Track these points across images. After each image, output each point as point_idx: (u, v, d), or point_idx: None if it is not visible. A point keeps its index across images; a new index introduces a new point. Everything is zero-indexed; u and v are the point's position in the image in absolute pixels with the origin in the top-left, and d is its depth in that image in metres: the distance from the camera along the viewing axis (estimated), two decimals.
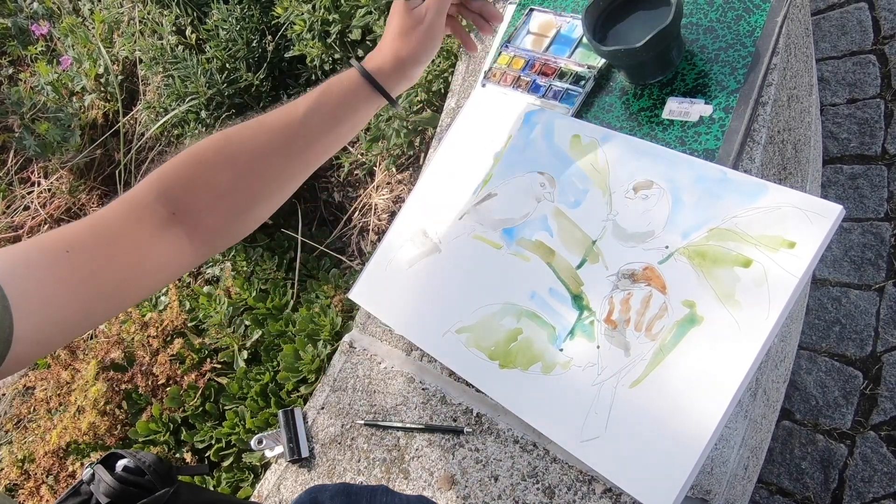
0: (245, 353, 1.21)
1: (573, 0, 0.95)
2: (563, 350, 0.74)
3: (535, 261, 0.80)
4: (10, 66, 1.96)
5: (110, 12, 1.71)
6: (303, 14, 1.28)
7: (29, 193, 1.77)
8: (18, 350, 0.47)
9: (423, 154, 1.20)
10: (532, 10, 0.97)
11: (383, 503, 0.65)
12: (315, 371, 1.08)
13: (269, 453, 0.93)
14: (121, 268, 0.56)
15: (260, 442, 0.94)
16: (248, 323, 1.25)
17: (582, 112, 0.87)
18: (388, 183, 1.25)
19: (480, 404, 0.83)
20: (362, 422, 0.89)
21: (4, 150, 1.85)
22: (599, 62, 0.87)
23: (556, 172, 0.84)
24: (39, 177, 1.79)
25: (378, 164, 1.28)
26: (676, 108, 0.81)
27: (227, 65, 1.41)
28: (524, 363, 0.76)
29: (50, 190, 1.75)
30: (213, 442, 1.14)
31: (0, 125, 1.70)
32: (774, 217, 0.66)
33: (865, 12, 1.54)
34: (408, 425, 0.85)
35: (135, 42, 1.61)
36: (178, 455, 1.17)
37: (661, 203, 0.74)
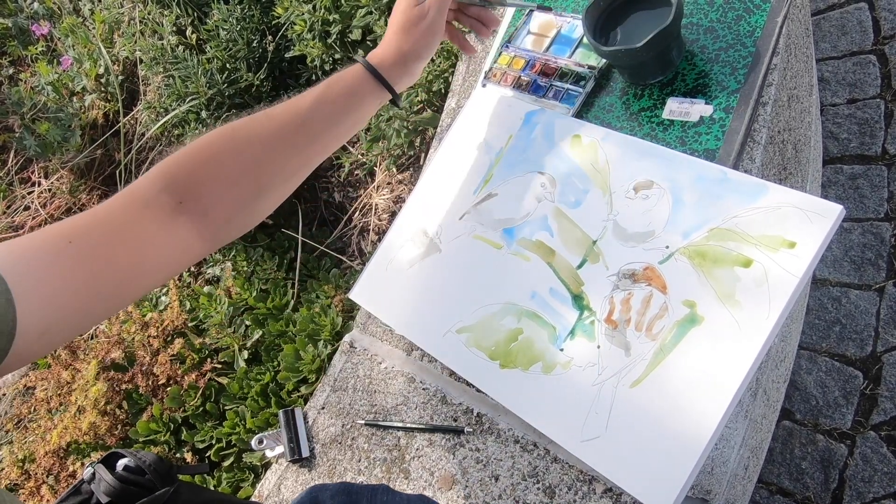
0: (245, 353, 1.21)
1: (573, 0, 0.95)
2: (563, 350, 0.74)
3: (536, 261, 0.80)
4: (10, 67, 1.96)
5: (111, 12, 1.71)
6: (303, 14, 1.28)
7: (29, 193, 1.77)
8: (23, 344, 0.46)
9: (423, 154, 1.20)
10: (532, 9, 0.97)
11: (384, 502, 0.65)
12: (315, 371, 1.09)
13: (269, 453, 0.94)
14: (125, 260, 0.55)
15: (260, 442, 0.94)
16: (248, 323, 1.25)
17: (582, 112, 0.88)
18: (389, 183, 1.25)
19: (481, 404, 0.83)
20: (363, 422, 0.89)
21: (5, 150, 1.85)
22: (600, 62, 0.87)
23: (556, 172, 0.84)
24: (40, 177, 1.79)
25: (378, 164, 1.28)
26: (677, 108, 0.81)
27: (227, 65, 1.41)
28: (525, 363, 0.76)
29: (50, 190, 1.75)
30: (214, 442, 1.15)
31: (0, 125, 1.70)
32: (775, 217, 0.67)
33: (865, 12, 1.54)
34: (408, 425, 0.85)
35: (135, 42, 1.61)
36: (178, 455, 1.17)
37: (662, 203, 0.74)
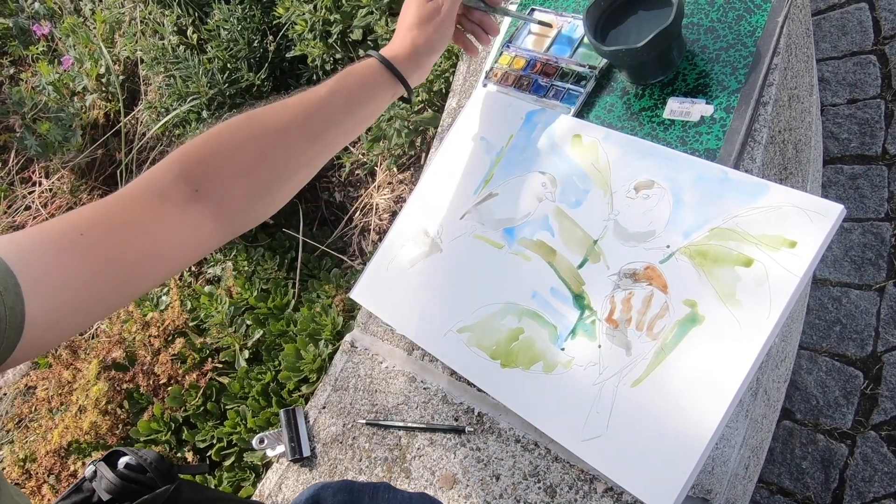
0: (246, 353, 1.21)
1: (574, 0, 0.95)
2: (564, 349, 0.74)
3: (537, 260, 0.81)
4: (11, 66, 1.96)
5: (111, 12, 1.71)
6: (304, 14, 1.29)
7: (30, 193, 1.77)
8: (32, 335, 0.46)
9: (424, 154, 1.20)
10: (533, 9, 0.97)
11: (385, 500, 0.65)
12: (316, 370, 1.09)
13: (270, 452, 0.94)
14: (138, 249, 0.54)
15: (261, 441, 0.94)
16: (249, 322, 1.25)
17: (583, 112, 0.88)
18: (390, 183, 1.26)
19: (482, 404, 0.83)
20: (364, 421, 0.89)
21: (6, 150, 1.85)
22: (601, 62, 0.87)
23: (557, 172, 0.84)
24: (41, 177, 1.79)
25: (379, 163, 1.28)
26: (678, 107, 0.81)
27: (228, 65, 1.41)
28: (525, 362, 0.76)
29: (51, 190, 1.75)
30: (215, 441, 1.15)
31: (1, 125, 1.70)
32: (775, 216, 0.67)
33: (866, 12, 1.55)
34: (409, 425, 0.85)
35: (136, 42, 1.61)
36: (179, 454, 1.17)
37: (663, 203, 0.74)
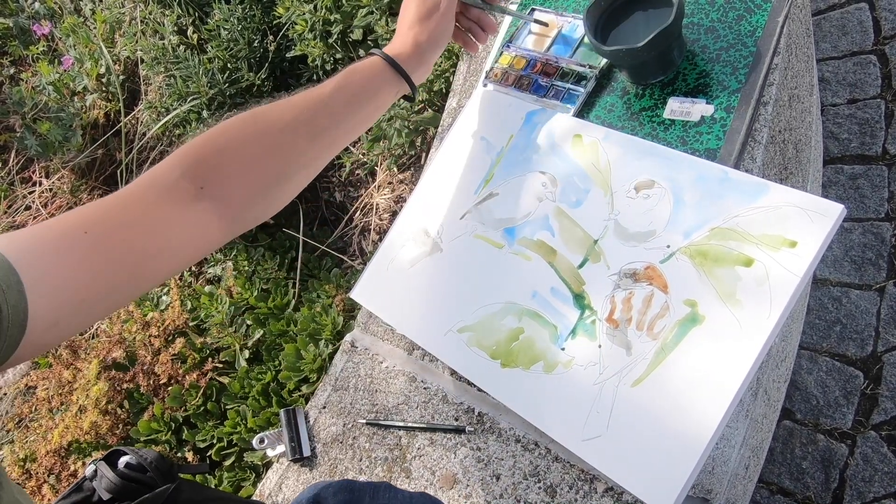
0: (246, 353, 1.21)
1: (574, 0, 0.95)
2: (564, 349, 0.74)
3: (537, 260, 0.81)
4: (11, 66, 1.96)
5: (112, 12, 1.71)
6: (304, 14, 1.29)
7: (30, 193, 1.77)
8: (35, 333, 0.46)
9: (424, 154, 1.20)
10: (533, 9, 0.97)
11: (386, 499, 0.65)
12: (317, 370, 1.09)
13: (270, 452, 0.94)
14: (141, 247, 0.54)
15: (262, 441, 0.94)
16: (249, 322, 1.25)
17: (583, 112, 0.88)
18: (390, 182, 1.26)
19: (482, 403, 0.83)
20: (364, 421, 0.89)
21: (6, 150, 1.85)
22: (601, 62, 0.87)
23: (557, 172, 0.84)
24: (41, 177, 1.79)
25: (379, 163, 1.28)
26: (678, 107, 0.81)
27: (228, 65, 1.41)
28: (526, 362, 0.76)
29: (51, 190, 1.75)
30: (215, 441, 1.15)
31: (2, 125, 1.70)
32: (776, 216, 0.67)
33: (866, 12, 1.55)
34: (409, 424, 0.85)
35: (136, 42, 1.61)
36: (179, 454, 1.17)
37: (663, 202, 0.74)
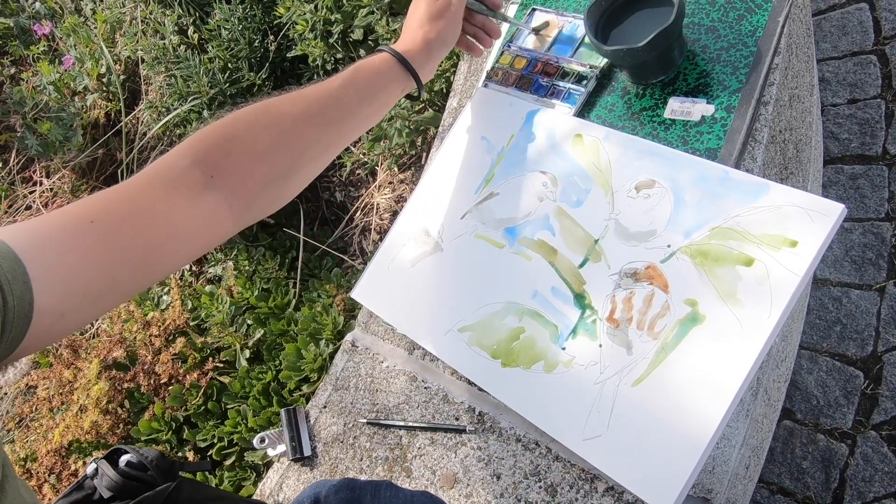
0: (247, 353, 1.21)
1: (575, 0, 0.95)
2: (565, 349, 0.74)
3: (538, 260, 0.81)
4: (12, 66, 1.96)
5: (112, 12, 1.71)
6: (305, 14, 1.29)
7: (31, 193, 1.77)
8: (42, 324, 0.46)
9: (424, 153, 1.21)
10: (534, 9, 0.97)
11: (387, 498, 0.65)
12: (317, 370, 1.09)
13: (271, 452, 0.94)
14: (150, 237, 0.54)
15: (262, 441, 0.94)
16: (250, 322, 1.25)
17: (584, 111, 0.88)
18: (390, 182, 1.26)
19: (483, 403, 0.83)
20: (364, 420, 0.89)
21: (6, 150, 1.85)
22: (601, 62, 0.87)
23: (558, 171, 0.84)
24: (41, 176, 1.79)
25: (380, 163, 1.28)
26: (678, 107, 0.81)
27: (229, 64, 1.41)
28: (526, 362, 0.76)
29: (52, 189, 1.75)
30: (216, 441, 1.15)
31: (2, 125, 1.70)
32: (776, 216, 0.67)
33: (866, 13, 1.55)
34: (410, 424, 0.85)
35: (137, 42, 1.61)
36: (180, 454, 1.17)
37: (663, 202, 0.74)
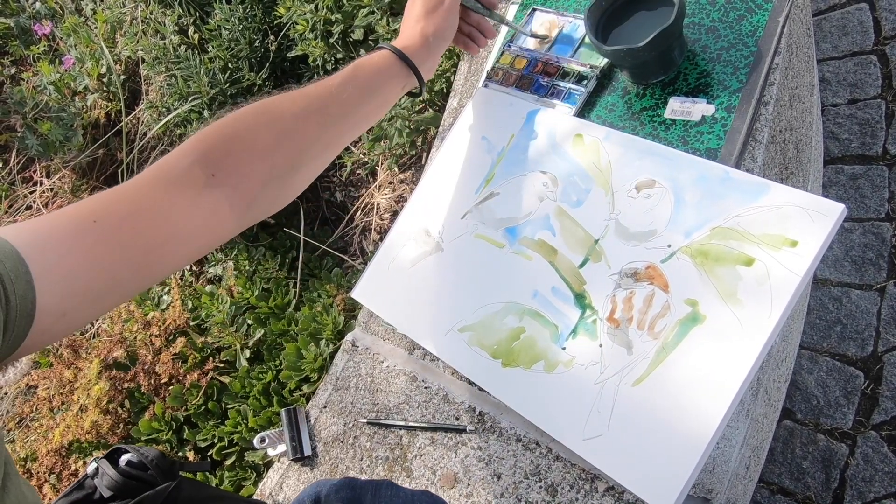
0: (247, 352, 1.21)
1: (575, 0, 0.95)
2: (565, 348, 0.74)
3: (538, 260, 0.81)
4: (12, 66, 1.96)
5: (113, 12, 1.71)
6: (305, 14, 1.29)
7: (31, 193, 1.77)
8: (45, 323, 0.46)
9: (425, 153, 1.21)
10: (534, 9, 0.97)
11: (388, 497, 0.65)
12: (317, 370, 1.09)
13: (271, 452, 0.94)
14: (152, 236, 0.54)
15: (262, 440, 0.94)
16: (250, 322, 1.25)
17: (584, 111, 0.88)
18: (391, 182, 1.26)
19: (483, 403, 0.83)
20: (365, 420, 0.89)
21: (7, 150, 1.85)
22: (602, 62, 0.87)
23: (558, 171, 0.84)
24: (42, 176, 1.79)
25: (380, 163, 1.28)
26: (679, 107, 0.81)
27: (229, 64, 1.41)
28: (527, 362, 0.76)
29: (52, 189, 1.75)
30: (216, 440, 1.15)
31: (2, 125, 1.70)
32: (777, 216, 0.67)
33: (866, 13, 1.55)
34: (410, 424, 0.86)
35: (137, 42, 1.61)
36: (180, 454, 1.17)
37: (664, 202, 0.74)
